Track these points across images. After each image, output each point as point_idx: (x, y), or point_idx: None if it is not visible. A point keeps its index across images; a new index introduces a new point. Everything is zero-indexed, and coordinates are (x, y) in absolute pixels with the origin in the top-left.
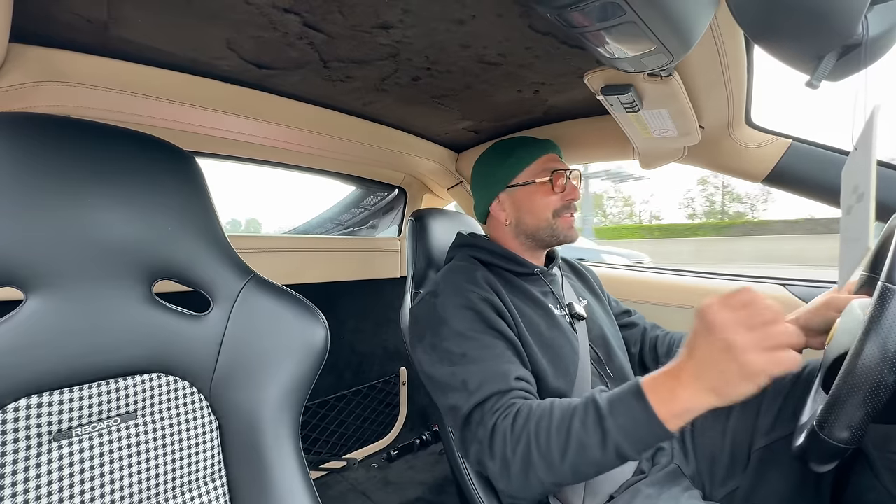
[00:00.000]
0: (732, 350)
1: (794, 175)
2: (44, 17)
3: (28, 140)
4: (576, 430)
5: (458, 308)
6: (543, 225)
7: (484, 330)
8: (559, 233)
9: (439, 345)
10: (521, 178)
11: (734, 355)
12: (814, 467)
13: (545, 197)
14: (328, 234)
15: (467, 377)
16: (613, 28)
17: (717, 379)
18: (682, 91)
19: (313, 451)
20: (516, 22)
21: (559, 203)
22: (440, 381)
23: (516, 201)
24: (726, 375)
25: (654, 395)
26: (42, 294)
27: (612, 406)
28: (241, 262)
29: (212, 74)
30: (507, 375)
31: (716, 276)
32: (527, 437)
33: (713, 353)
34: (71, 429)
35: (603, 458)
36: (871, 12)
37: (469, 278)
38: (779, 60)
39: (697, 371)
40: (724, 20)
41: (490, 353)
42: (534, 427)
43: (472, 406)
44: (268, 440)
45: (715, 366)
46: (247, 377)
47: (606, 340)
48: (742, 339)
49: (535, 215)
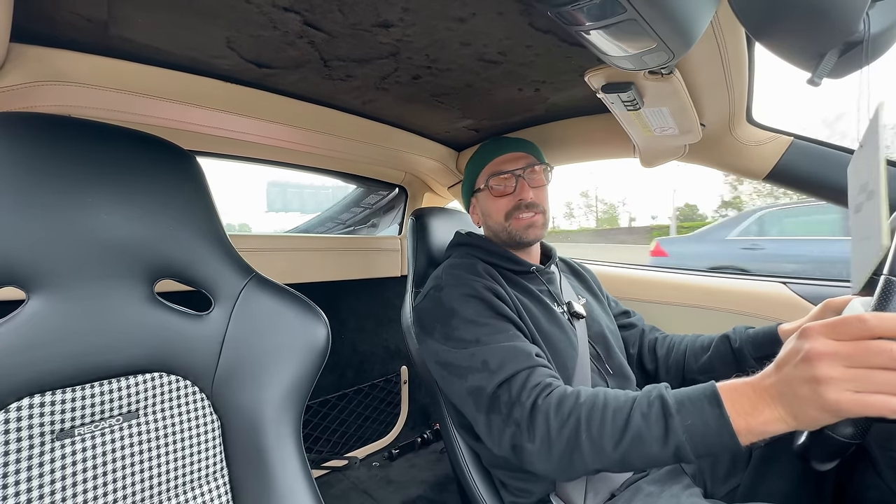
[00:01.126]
0: (817, 382)
1: (795, 173)
2: (44, 17)
3: (29, 140)
4: (636, 421)
5: (465, 297)
6: (499, 228)
7: (493, 315)
8: (515, 235)
9: (452, 334)
10: (478, 184)
11: (814, 388)
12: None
13: (496, 200)
14: (329, 233)
15: (487, 357)
16: (614, 26)
17: (793, 403)
18: (683, 89)
19: (315, 449)
20: (517, 20)
21: (510, 205)
22: (458, 366)
23: (481, 206)
24: (803, 403)
25: (732, 404)
26: (44, 294)
27: (680, 405)
28: (242, 262)
29: (212, 73)
30: (529, 352)
31: (716, 276)
32: (576, 419)
33: (796, 378)
34: (73, 428)
35: (660, 454)
36: (872, 9)
37: (470, 269)
38: (780, 58)
39: (779, 390)
40: (726, 17)
41: (504, 336)
42: (585, 411)
43: (498, 384)
44: (269, 439)
45: (794, 390)
46: (248, 376)
47: (605, 338)
48: (834, 373)
49: (492, 219)
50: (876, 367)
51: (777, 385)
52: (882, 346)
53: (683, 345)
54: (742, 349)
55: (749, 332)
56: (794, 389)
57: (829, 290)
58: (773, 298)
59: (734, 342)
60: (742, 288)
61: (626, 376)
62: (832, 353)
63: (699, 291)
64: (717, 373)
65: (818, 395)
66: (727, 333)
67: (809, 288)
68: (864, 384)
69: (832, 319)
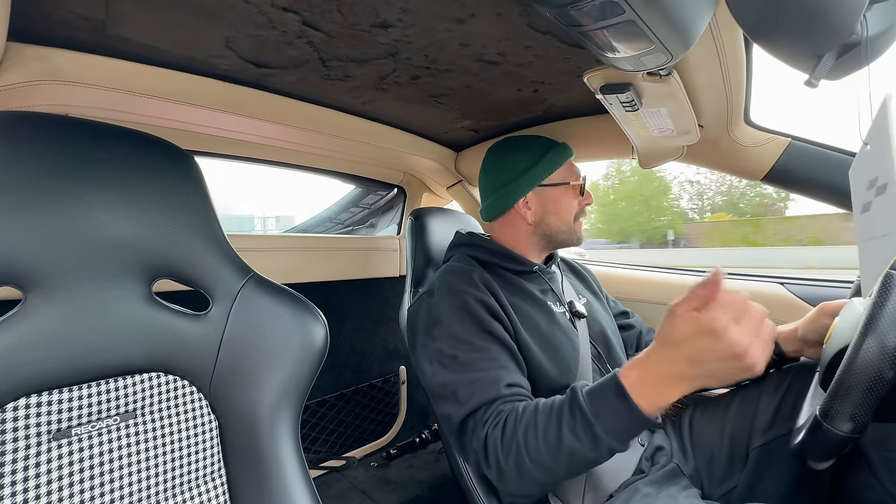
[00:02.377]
0: (744, 355)
1: (792, 174)
2: (42, 16)
3: (26, 139)
4: (566, 438)
5: (453, 309)
6: (565, 228)
7: (477, 332)
8: (574, 236)
9: (431, 345)
10: (554, 179)
11: (743, 359)
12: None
13: (571, 200)
14: (327, 233)
15: (457, 388)
16: (612, 27)
17: (717, 374)
18: (682, 90)
19: (313, 449)
20: (516, 21)
21: (578, 208)
22: (432, 390)
23: (544, 201)
24: (732, 372)
25: (638, 393)
26: (41, 293)
27: (596, 409)
28: (240, 261)
29: (210, 73)
30: (497, 383)
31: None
32: (517, 445)
33: (718, 355)
34: (70, 428)
35: (598, 457)
36: (869, 11)
37: (465, 278)
38: (778, 59)
39: (691, 369)
40: (724, 19)
41: (481, 357)
42: (521, 436)
43: (463, 416)
44: (267, 439)
45: (719, 365)
46: (246, 376)
47: (606, 337)
48: (758, 350)
49: (559, 217)
50: (764, 319)
51: (686, 364)
52: (755, 304)
53: None
54: None
55: None
56: (718, 364)
57: (826, 291)
58: (771, 299)
59: None
60: (740, 288)
61: None
62: (744, 326)
63: None
64: None
65: (744, 362)
66: None
67: (806, 288)
68: (766, 335)
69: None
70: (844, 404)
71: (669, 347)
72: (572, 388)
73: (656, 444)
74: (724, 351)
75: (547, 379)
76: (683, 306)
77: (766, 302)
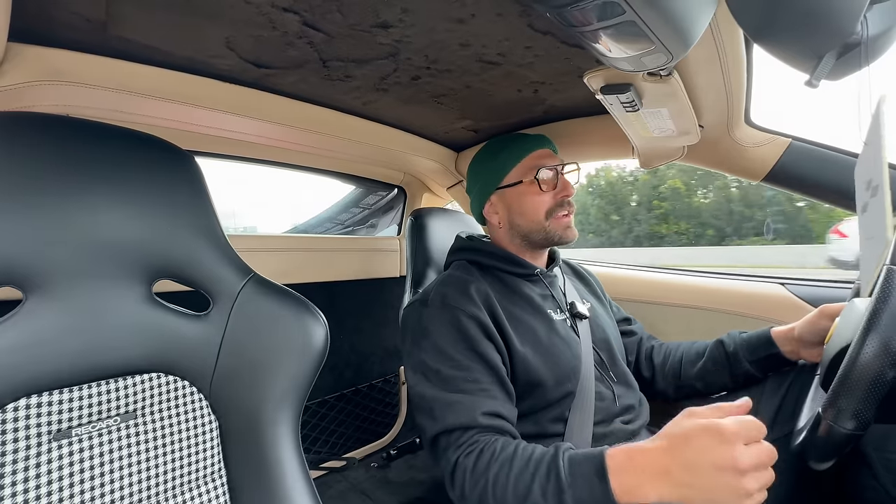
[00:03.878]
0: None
1: (793, 174)
2: (42, 17)
3: (26, 139)
4: (535, 493)
5: (443, 323)
6: (535, 227)
7: (463, 350)
8: (553, 234)
9: (417, 355)
10: (510, 179)
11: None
12: (813, 464)
13: (535, 197)
14: (327, 233)
15: (433, 404)
16: (613, 27)
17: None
18: (682, 90)
19: (313, 450)
20: (516, 21)
21: (551, 202)
22: (412, 399)
23: (507, 203)
24: (723, 492)
25: (618, 479)
26: (41, 294)
27: (573, 478)
28: (240, 262)
29: (211, 74)
30: (474, 408)
31: (715, 276)
32: (485, 482)
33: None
34: (71, 428)
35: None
36: (870, 11)
37: (461, 291)
38: (778, 59)
39: (682, 472)
40: (724, 19)
41: (463, 377)
42: (493, 475)
43: (436, 433)
44: (268, 439)
45: (714, 476)
46: (247, 377)
47: (609, 344)
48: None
49: (526, 217)
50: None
51: (678, 464)
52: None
53: (679, 352)
54: (736, 353)
55: (743, 336)
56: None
57: (827, 292)
58: (772, 299)
59: (728, 347)
60: (741, 289)
61: (630, 384)
62: (754, 463)
63: (698, 292)
64: (711, 377)
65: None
66: (721, 338)
67: (807, 289)
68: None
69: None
70: (847, 401)
71: (670, 439)
72: (556, 446)
73: None
74: (726, 459)
75: (544, 388)
76: (704, 411)
77: (767, 302)
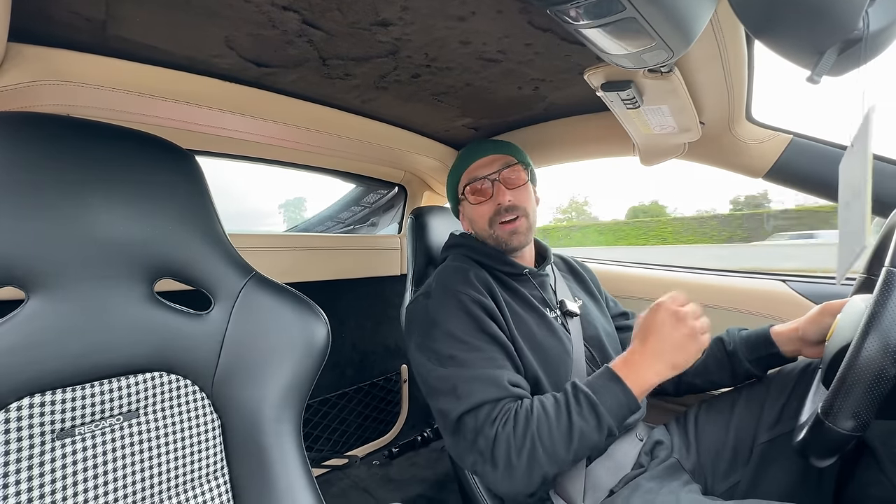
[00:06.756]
0: (694, 335)
1: (794, 171)
2: (42, 17)
3: (27, 139)
4: (576, 421)
5: (449, 310)
6: (486, 235)
7: (474, 333)
8: (501, 241)
9: (429, 346)
10: (461, 191)
11: (696, 338)
12: (814, 462)
13: (476, 207)
14: (328, 232)
15: (457, 382)
16: (613, 24)
17: (678, 355)
18: (683, 87)
19: (315, 448)
20: (516, 18)
21: (491, 210)
22: (430, 385)
23: (466, 214)
24: (687, 352)
25: (627, 377)
26: (43, 294)
27: (597, 392)
28: (241, 261)
29: (211, 73)
30: (499, 380)
31: (716, 273)
32: (531, 438)
33: (678, 338)
34: (73, 427)
35: (598, 440)
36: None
37: (462, 278)
38: (779, 56)
39: (658, 354)
40: (725, 15)
41: (479, 357)
42: (535, 428)
43: (462, 412)
44: (270, 438)
45: (679, 346)
46: (248, 375)
47: (601, 340)
48: (698, 325)
49: (476, 227)
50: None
51: (654, 350)
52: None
53: None
54: (736, 351)
55: (742, 333)
56: (678, 345)
57: (828, 288)
58: (773, 296)
59: (728, 345)
60: (742, 286)
61: None
62: (690, 314)
63: (699, 289)
64: (711, 375)
65: (697, 340)
66: (721, 336)
67: (808, 285)
68: (704, 326)
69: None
70: (846, 402)
71: (646, 334)
72: (571, 382)
73: (655, 439)
74: (680, 322)
75: (538, 383)
76: (667, 303)
77: (768, 299)
